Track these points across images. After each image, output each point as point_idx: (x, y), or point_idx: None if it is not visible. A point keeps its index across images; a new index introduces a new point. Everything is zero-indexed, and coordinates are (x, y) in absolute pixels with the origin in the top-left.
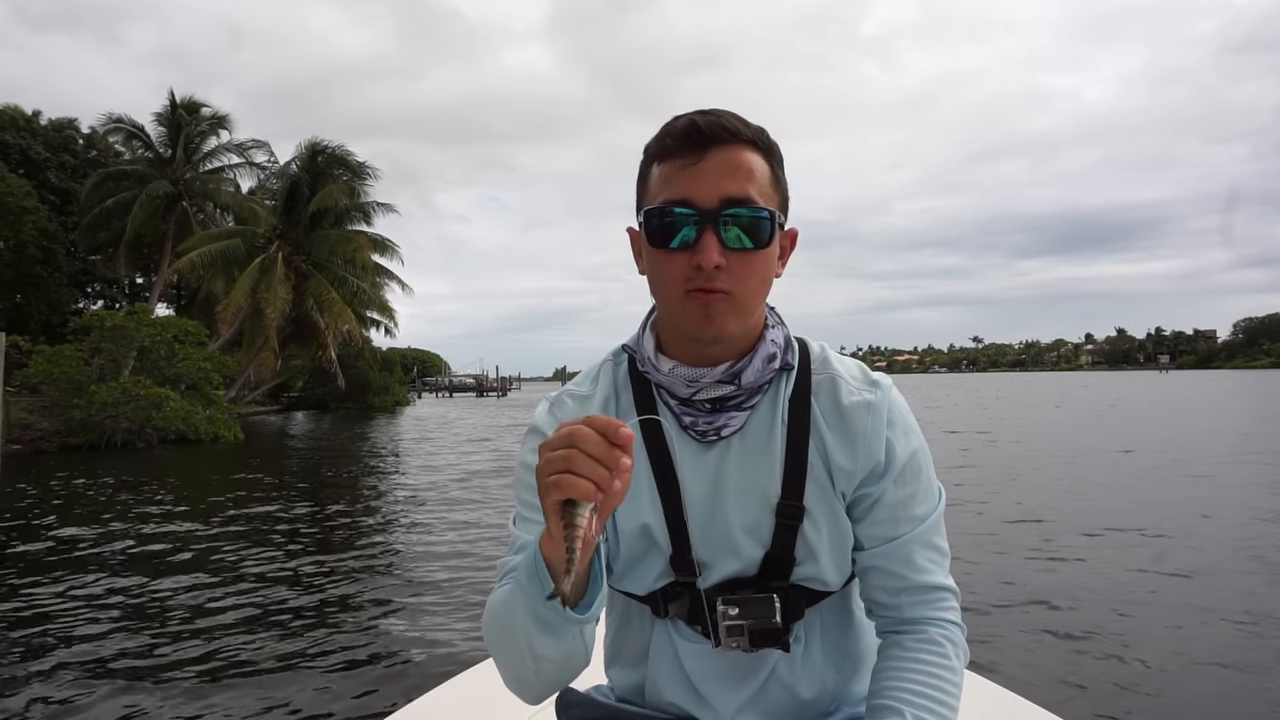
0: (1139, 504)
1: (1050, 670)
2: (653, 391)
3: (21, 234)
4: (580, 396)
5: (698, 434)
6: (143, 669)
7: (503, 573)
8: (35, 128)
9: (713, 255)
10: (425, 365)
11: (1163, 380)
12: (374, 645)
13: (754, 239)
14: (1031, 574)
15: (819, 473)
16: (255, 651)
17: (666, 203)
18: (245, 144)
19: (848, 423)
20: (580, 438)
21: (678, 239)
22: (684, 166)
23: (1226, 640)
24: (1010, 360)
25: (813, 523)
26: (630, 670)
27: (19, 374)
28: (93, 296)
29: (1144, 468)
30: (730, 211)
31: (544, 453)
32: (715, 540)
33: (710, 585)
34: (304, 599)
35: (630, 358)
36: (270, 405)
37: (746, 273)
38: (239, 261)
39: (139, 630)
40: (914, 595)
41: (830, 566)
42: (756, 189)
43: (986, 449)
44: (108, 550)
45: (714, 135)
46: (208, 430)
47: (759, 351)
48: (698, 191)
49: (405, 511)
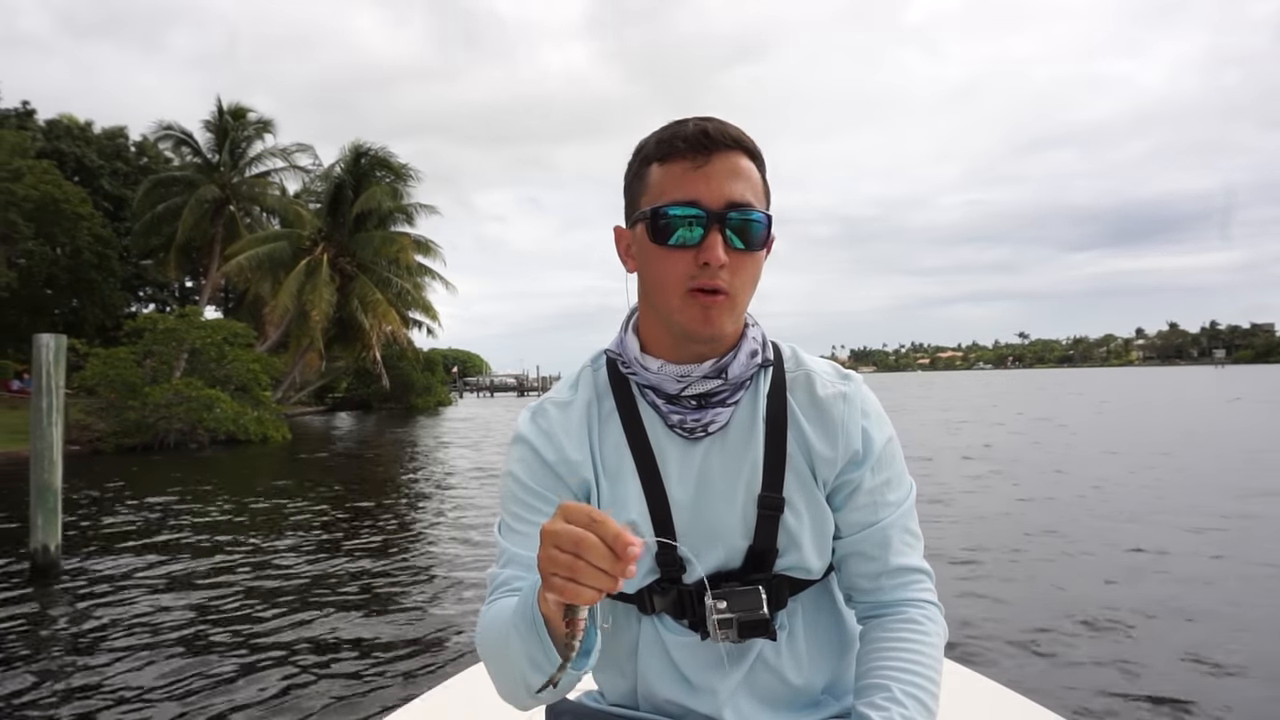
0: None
1: (1053, 668)
2: (633, 393)
3: (78, 240)
4: (561, 403)
5: (685, 431)
6: (182, 662)
7: (494, 586)
8: (89, 136)
9: (720, 253)
10: (466, 365)
11: (1222, 376)
12: (387, 641)
13: (751, 242)
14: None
15: (799, 463)
16: (279, 643)
17: (675, 202)
18: (290, 148)
19: (825, 413)
20: (588, 549)
21: (682, 237)
22: (693, 168)
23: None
24: (1058, 356)
25: (794, 512)
26: (619, 673)
27: (76, 376)
28: (144, 300)
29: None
30: (735, 214)
31: (548, 541)
32: (700, 535)
33: (696, 579)
34: (338, 595)
35: (610, 361)
36: (315, 406)
37: (744, 274)
38: (285, 264)
39: (179, 620)
40: (892, 578)
41: (813, 554)
42: (755, 194)
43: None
44: (158, 544)
45: (721, 141)
46: (257, 431)
47: (742, 347)
48: (706, 193)
49: (443, 513)
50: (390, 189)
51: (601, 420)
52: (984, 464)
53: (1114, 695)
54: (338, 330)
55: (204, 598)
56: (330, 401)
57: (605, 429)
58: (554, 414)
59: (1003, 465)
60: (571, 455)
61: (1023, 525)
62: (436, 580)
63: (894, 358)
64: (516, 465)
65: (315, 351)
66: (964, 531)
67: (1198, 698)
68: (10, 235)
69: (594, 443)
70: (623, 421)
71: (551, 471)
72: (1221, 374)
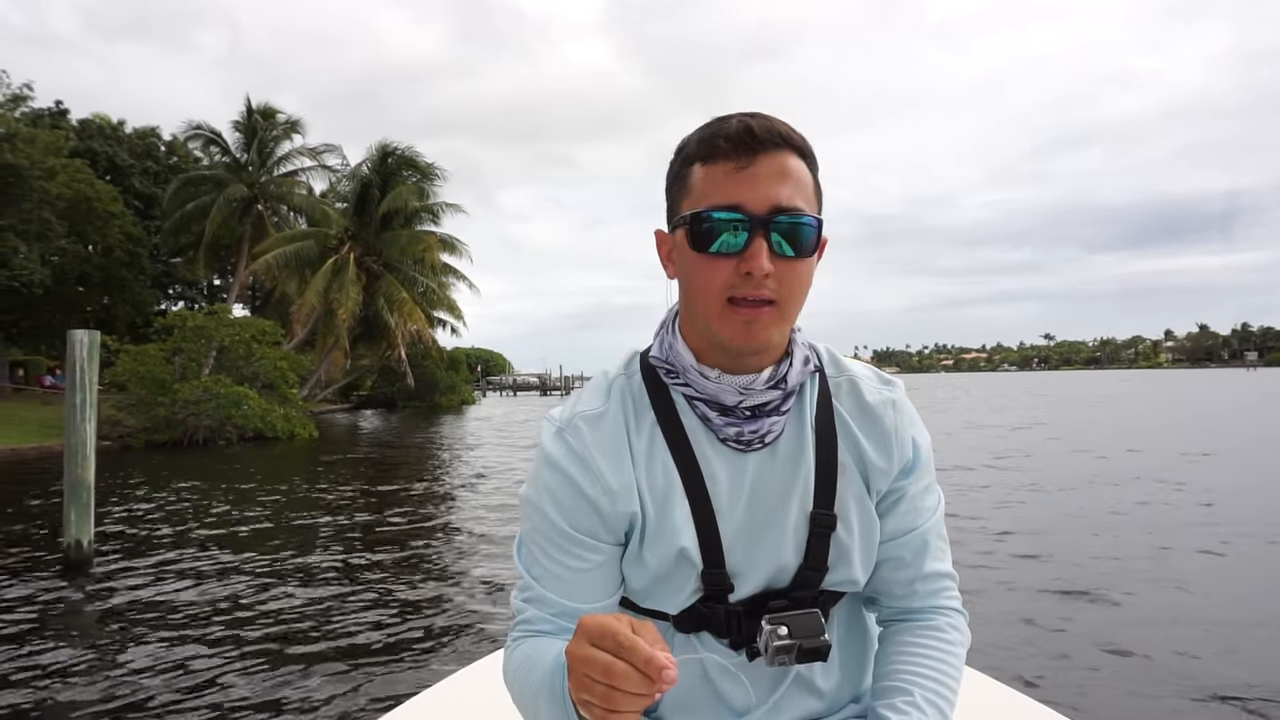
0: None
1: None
2: (673, 402)
3: (109, 238)
4: (593, 417)
5: (741, 444)
6: (213, 655)
7: (518, 620)
8: (120, 136)
9: (764, 262)
10: (488, 364)
11: (1255, 378)
12: (404, 635)
13: (801, 248)
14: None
15: (853, 473)
16: (303, 635)
17: (716, 206)
18: (318, 148)
19: (876, 421)
20: (621, 679)
21: (724, 244)
22: (736, 170)
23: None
24: (1084, 358)
25: (846, 526)
26: None
27: (107, 373)
28: (174, 298)
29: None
30: (782, 218)
31: (577, 668)
32: (748, 553)
33: (743, 598)
34: (362, 589)
35: (647, 369)
36: (340, 403)
37: (793, 281)
38: (312, 263)
39: (209, 613)
40: (925, 584)
41: (860, 568)
42: (804, 197)
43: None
44: (188, 540)
45: (767, 139)
46: (284, 428)
47: (795, 355)
48: (750, 196)
49: (465, 512)
50: (416, 188)
51: (642, 436)
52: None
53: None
54: (363, 329)
55: (232, 593)
56: (355, 399)
57: (648, 446)
58: (586, 431)
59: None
60: (612, 483)
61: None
62: (456, 576)
63: (917, 359)
64: (546, 498)
65: (341, 350)
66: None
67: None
68: (44, 233)
69: (636, 464)
70: (666, 437)
71: (590, 506)
72: (1254, 376)
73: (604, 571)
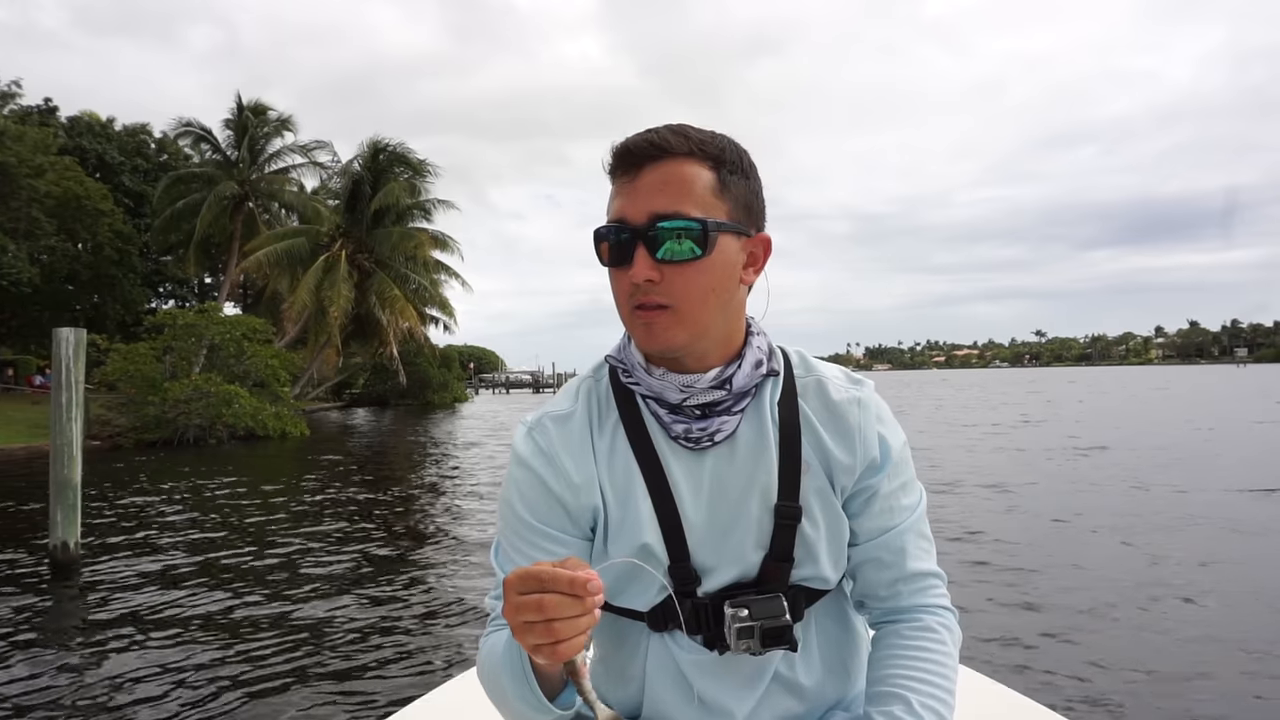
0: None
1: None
2: (638, 403)
3: (99, 236)
4: (560, 417)
5: (690, 441)
6: (201, 658)
7: (492, 617)
8: (110, 133)
9: (641, 270)
10: (481, 362)
11: (1244, 374)
12: (399, 641)
13: (687, 250)
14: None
15: (817, 471)
16: (293, 640)
17: (607, 223)
18: (309, 145)
19: (840, 419)
20: (554, 608)
21: (617, 257)
22: (623, 186)
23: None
24: (1075, 355)
25: (811, 521)
26: (623, 690)
27: (97, 372)
28: (164, 296)
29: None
30: (660, 225)
31: (515, 617)
32: (714, 547)
33: (711, 592)
34: (354, 592)
35: (613, 371)
36: (332, 401)
37: (685, 284)
38: (304, 260)
39: (198, 616)
40: (909, 583)
41: (829, 564)
42: (692, 201)
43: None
44: (177, 540)
45: (644, 154)
46: (275, 426)
47: (746, 358)
48: (631, 209)
49: (457, 512)
50: (408, 185)
51: (605, 434)
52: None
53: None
54: (355, 326)
55: (221, 595)
56: (347, 397)
57: (610, 444)
58: (553, 429)
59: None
60: (575, 478)
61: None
62: (448, 580)
63: (909, 355)
64: (515, 494)
65: (333, 348)
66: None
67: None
68: (33, 231)
69: (598, 460)
70: (628, 435)
71: (555, 500)
72: (1243, 372)
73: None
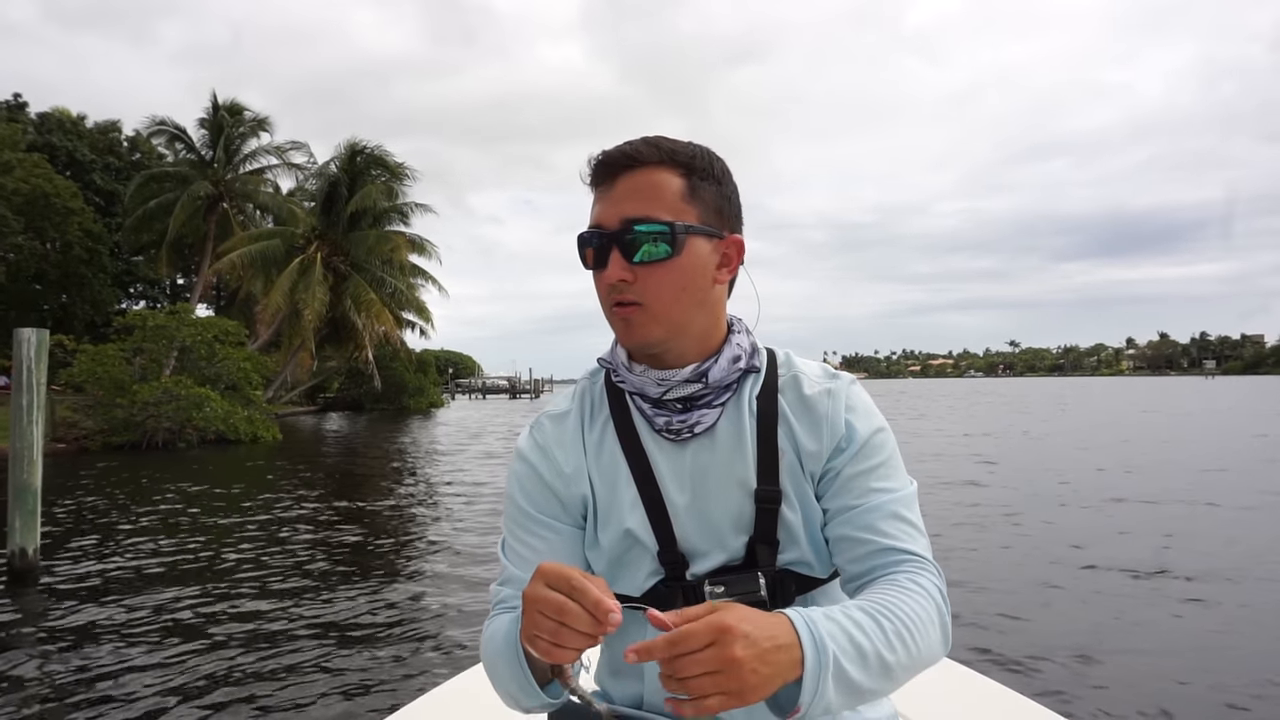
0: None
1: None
2: (627, 401)
3: (68, 234)
4: (557, 415)
5: (671, 433)
6: (169, 669)
7: (494, 602)
8: (81, 130)
9: (613, 271)
10: (458, 367)
11: (1211, 386)
12: (381, 646)
13: (658, 251)
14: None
15: (790, 459)
16: (266, 648)
17: (586, 230)
18: (284, 145)
19: (811, 410)
20: (571, 618)
21: (595, 261)
22: (600, 195)
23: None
24: (1048, 365)
25: (790, 506)
26: (626, 679)
27: (64, 373)
28: (135, 297)
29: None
30: (633, 229)
31: (531, 608)
32: (700, 533)
33: (699, 574)
34: (325, 600)
35: (607, 371)
36: (306, 406)
37: (654, 283)
38: (278, 262)
39: (164, 625)
40: (884, 557)
41: (810, 551)
42: (662, 206)
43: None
44: (143, 547)
45: (617, 163)
46: (247, 430)
47: (724, 353)
48: (605, 216)
49: (433, 516)
50: (385, 188)
51: (595, 429)
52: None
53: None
54: (330, 330)
55: (188, 603)
56: (322, 401)
57: (600, 437)
58: (549, 427)
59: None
60: (565, 468)
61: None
62: (426, 581)
63: (885, 364)
64: (515, 486)
65: (307, 351)
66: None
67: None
68: None
69: (588, 452)
70: (616, 428)
71: (548, 489)
72: (1213, 384)
73: (566, 552)
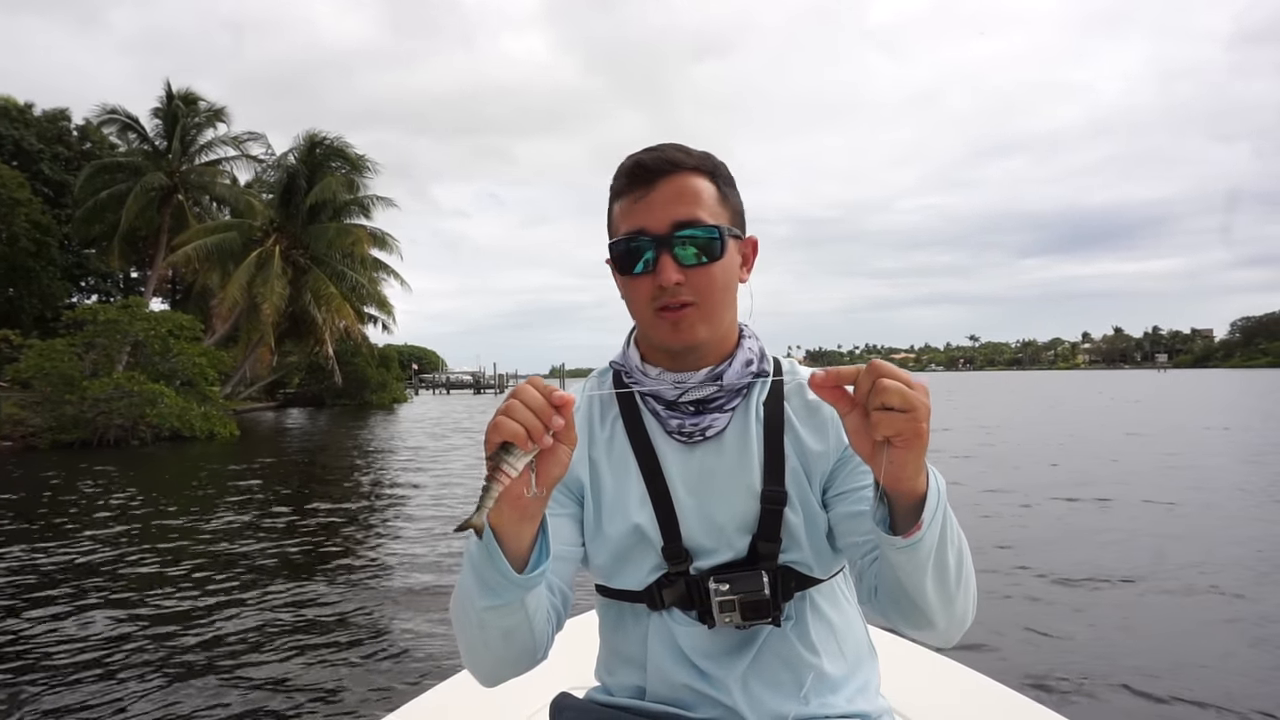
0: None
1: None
2: (636, 401)
3: (14, 226)
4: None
5: (683, 435)
6: (128, 670)
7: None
8: (28, 119)
9: (670, 274)
10: (422, 362)
11: (1164, 379)
12: (365, 649)
13: (707, 254)
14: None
15: (795, 464)
16: (240, 652)
17: (625, 235)
18: (241, 136)
19: (816, 414)
20: (521, 392)
21: (639, 265)
22: (636, 200)
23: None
24: (1007, 359)
25: (793, 509)
26: (628, 671)
27: (10, 369)
28: (86, 291)
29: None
30: (682, 234)
31: (497, 414)
32: (705, 531)
33: (703, 570)
34: (294, 602)
35: (616, 373)
36: (266, 401)
37: (707, 284)
38: (235, 255)
39: (121, 632)
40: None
41: (811, 552)
42: (705, 209)
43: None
44: (91, 549)
45: (658, 169)
46: (203, 427)
47: (738, 357)
48: (650, 220)
49: (399, 513)
50: (346, 180)
51: (606, 426)
52: None
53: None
54: (290, 324)
55: (138, 613)
56: (281, 397)
57: (610, 434)
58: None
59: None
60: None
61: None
62: (391, 583)
63: (848, 359)
64: None
65: (266, 346)
66: None
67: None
68: None
69: (595, 444)
70: (625, 427)
71: None
72: (1165, 377)
73: (561, 521)
